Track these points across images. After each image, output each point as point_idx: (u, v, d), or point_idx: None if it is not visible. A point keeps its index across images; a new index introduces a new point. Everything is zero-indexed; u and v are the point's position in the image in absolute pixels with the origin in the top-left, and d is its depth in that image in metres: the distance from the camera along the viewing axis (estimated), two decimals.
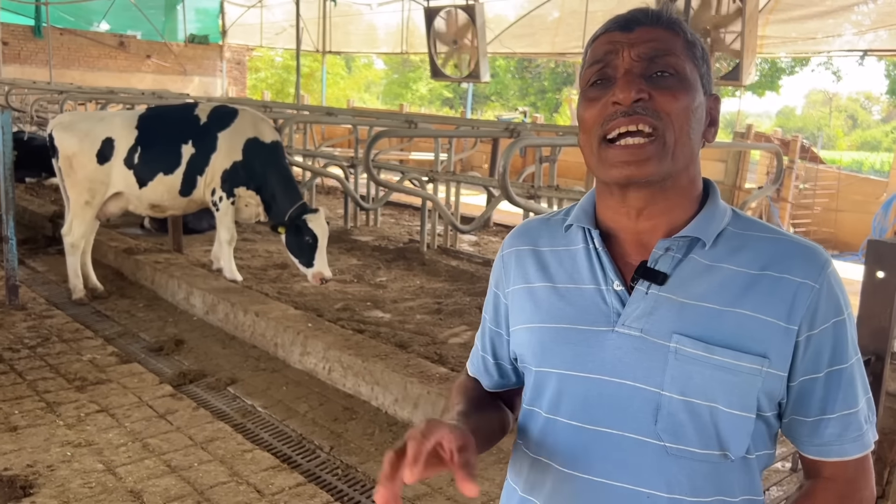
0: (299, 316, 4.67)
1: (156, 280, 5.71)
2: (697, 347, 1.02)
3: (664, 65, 1.04)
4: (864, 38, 9.10)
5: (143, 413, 3.55)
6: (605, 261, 1.11)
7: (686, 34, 1.08)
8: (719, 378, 1.02)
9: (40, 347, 4.31)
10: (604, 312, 1.09)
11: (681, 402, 1.03)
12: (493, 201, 5.77)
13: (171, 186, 5.38)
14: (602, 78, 1.07)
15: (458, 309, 5.26)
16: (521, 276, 1.20)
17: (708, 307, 1.04)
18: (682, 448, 1.04)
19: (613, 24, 1.09)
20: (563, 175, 9.69)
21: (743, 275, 1.05)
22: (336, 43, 16.65)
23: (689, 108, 1.05)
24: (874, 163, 24.57)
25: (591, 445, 1.08)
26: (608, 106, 1.04)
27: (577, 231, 1.17)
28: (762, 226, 1.11)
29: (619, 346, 1.07)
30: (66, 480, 2.89)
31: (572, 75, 28.70)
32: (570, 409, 1.10)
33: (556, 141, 6.16)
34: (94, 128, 5.35)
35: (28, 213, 7.83)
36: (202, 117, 5.47)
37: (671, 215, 1.09)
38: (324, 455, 3.34)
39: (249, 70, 22.63)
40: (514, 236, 1.25)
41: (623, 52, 1.05)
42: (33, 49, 16.77)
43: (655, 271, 1.07)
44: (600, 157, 1.06)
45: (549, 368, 1.12)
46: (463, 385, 1.33)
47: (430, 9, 10.79)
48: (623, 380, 1.06)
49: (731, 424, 1.03)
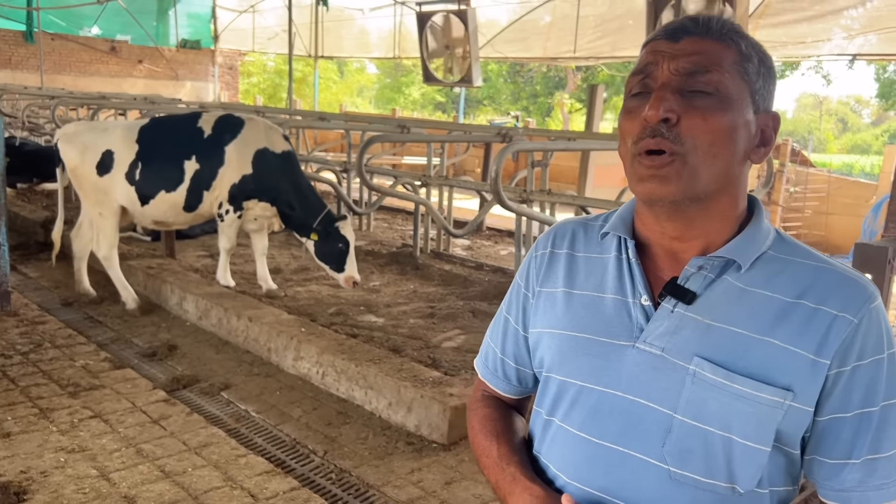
0: (292, 321, 4.67)
1: (148, 285, 5.70)
2: (717, 374, 0.98)
3: (704, 82, 0.99)
4: (853, 42, 9.16)
5: (137, 418, 3.55)
6: (636, 273, 1.08)
7: (741, 46, 1.01)
8: (736, 407, 0.98)
9: (33, 353, 4.30)
10: (627, 326, 1.06)
11: (693, 427, 1.00)
12: (486, 205, 5.79)
13: (173, 203, 5.21)
14: (643, 89, 1.03)
15: (451, 313, 5.27)
16: (552, 278, 1.17)
17: (735, 332, 1.00)
18: (686, 475, 1.01)
19: (662, 32, 1.04)
20: (555, 179, 9.72)
21: (777, 301, 1.00)
22: (328, 48, 16.67)
23: (721, 129, 0.98)
24: (864, 166, 24.70)
25: (595, 458, 1.06)
26: (642, 121, 1.01)
27: (612, 239, 1.14)
28: (807, 252, 1.05)
29: (638, 363, 1.04)
30: (60, 486, 2.89)
31: (564, 80, 28.78)
32: (581, 419, 1.08)
33: (548, 145, 6.18)
34: (95, 139, 5.24)
35: (20, 219, 7.80)
36: (206, 129, 5.24)
37: (707, 238, 1.05)
38: (318, 460, 3.35)
39: (242, 75, 22.61)
40: (551, 238, 1.22)
41: (663, 63, 1.00)
42: (24, 54, 16.72)
43: (684, 289, 1.03)
44: (632, 171, 1.03)
45: (565, 377, 1.11)
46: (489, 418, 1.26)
47: (423, 13, 10.81)
48: (636, 397, 1.03)
49: (742, 456, 0.99)
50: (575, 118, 27.11)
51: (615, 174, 10.64)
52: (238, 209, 5.26)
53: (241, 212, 5.27)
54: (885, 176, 10.32)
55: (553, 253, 1.19)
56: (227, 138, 5.18)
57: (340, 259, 5.24)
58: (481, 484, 3.16)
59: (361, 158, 4.83)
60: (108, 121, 6.27)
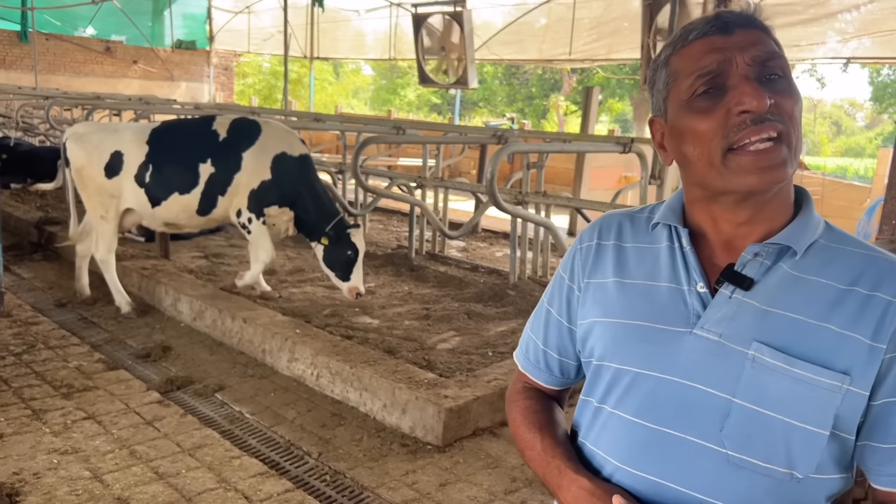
0: (287, 322, 4.67)
1: (143, 286, 5.68)
2: (777, 358, 1.00)
3: (774, 67, 1.02)
4: (847, 45, 9.20)
5: (131, 420, 3.54)
6: (691, 261, 1.10)
7: (774, 38, 1.06)
8: (796, 392, 0.99)
9: (26, 354, 4.28)
10: (683, 313, 1.08)
11: (752, 411, 1.01)
12: (481, 207, 5.79)
13: (187, 206, 5.13)
14: (711, 87, 1.03)
15: (446, 315, 5.27)
16: (600, 269, 1.19)
17: (793, 318, 1.02)
18: (744, 458, 1.01)
19: (710, 27, 1.04)
20: (551, 181, 9.73)
21: (831, 288, 1.02)
22: (324, 49, 16.66)
23: (798, 106, 1.03)
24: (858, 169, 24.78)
25: (651, 444, 1.07)
26: (731, 115, 1.00)
27: (662, 229, 1.16)
28: (855, 241, 1.08)
29: (695, 349, 1.05)
30: (53, 488, 2.88)
31: (559, 82, 28.83)
32: (636, 406, 1.09)
33: (543, 147, 6.18)
34: (104, 140, 5.15)
35: (13, 220, 7.77)
36: (221, 132, 5.12)
37: (771, 221, 1.07)
38: (312, 461, 3.34)
39: (237, 76, 22.58)
40: (596, 230, 1.24)
41: (736, 58, 1.01)
42: (19, 54, 16.68)
43: (742, 275, 1.05)
44: (729, 168, 1.02)
45: (620, 364, 1.12)
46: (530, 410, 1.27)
47: (418, 15, 10.81)
48: (694, 383, 1.04)
49: (802, 440, 1.00)
50: (570, 120, 27.14)
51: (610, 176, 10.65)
52: (260, 216, 5.13)
53: (263, 218, 5.15)
54: (878, 179, 10.36)
55: (600, 245, 1.21)
56: (244, 144, 5.07)
57: (347, 267, 5.12)
58: (476, 486, 3.16)
59: (357, 160, 4.83)
60: (119, 122, 6.16)
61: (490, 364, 4.20)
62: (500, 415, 3.74)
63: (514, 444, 1.31)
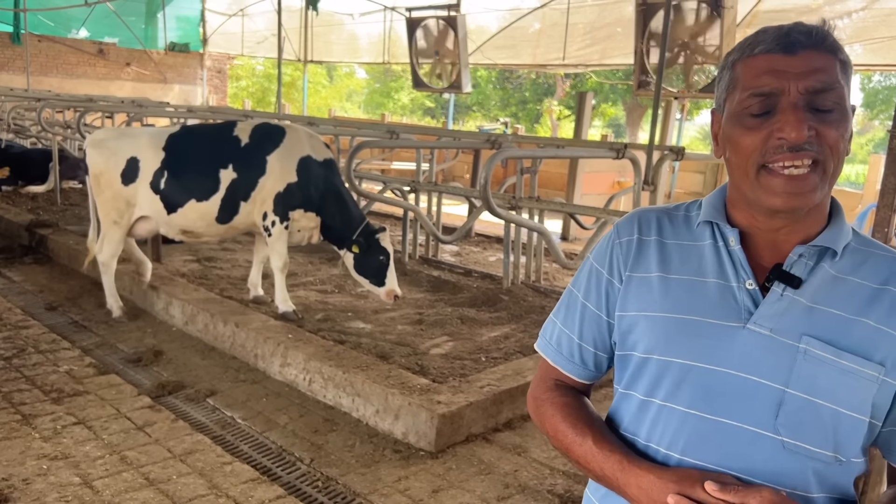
0: (279, 327, 4.65)
1: (134, 290, 5.66)
2: (826, 351, 1.08)
3: (826, 99, 1.06)
4: None
5: (121, 425, 3.51)
6: (740, 259, 1.16)
7: (841, 56, 1.09)
8: (843, 381, 1.07)
9: (16, 359, 4.25)
10: (734, 309, 1.13)
11: (804, 400, 1.08)
12: (475, 212, 5.79)
13: (205, 213, 5.03)
14: (765, 109, 1.08)
15: (439, 319, 5.26)
16: (643, 264, 1.22)
17: (836, 314, 1.10)
18: (798, 444, 1.09)
19: (774, 45, 1.09)
20: (544, 186, 9.74)
21: (866, 287, 1.12)
22: (318, 52, 16.63)
23: (845, 136, 1.08)
24: (850, 174, 24.92)
25: (708, 434, 1.12)
26: (772, 138, 1.07)
27: (705, 227, 1.21)
28: (879, 245, 1.18)
29: (749, 343, 1.11)
30: (42, 494, 2.85)
31: (553, 86, 28.87)
32: (690, 397, 1.13)
33: (537, 153, 6.19)
34: (121, 146, 5.08)
35: (4, 222, 7.73)
36: (243, 138, 5.05)
37: (808, 228, 1.15)
38: (304, 467, 3.32)
39: (230, 78, 22.54)
40: (634, 224, 1.26)
41: (790, 86, 1.06)
42: (11, 56, 16.60)
43: (791, 275, 1.12)
44: (760, 184, 1.09)
45: (671, 357, 1.15)
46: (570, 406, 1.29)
47: (413, 19, 10.82)
48: (749, 375, 1.10)
49: (849, 426, 1.08)
50: (564, 125, 27.19)
51: (603, 181, 10.67)
52: (285, 219, 5.04)
53: (287, 222, 5.06)
54: (870, 185, 10.41)
55: (641, 240, 1.24)
56: (269, 147, 4.99)
57: (381, 272, 5.03)
58: (468, 492, 3.15)
59: (350, 164, 4.82)
60: (138, 127, 6.03)
61: (483, 369, 4.19)
62: (493, 420, 3.73)
63: (549, 440, 1.31)
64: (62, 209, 8.99)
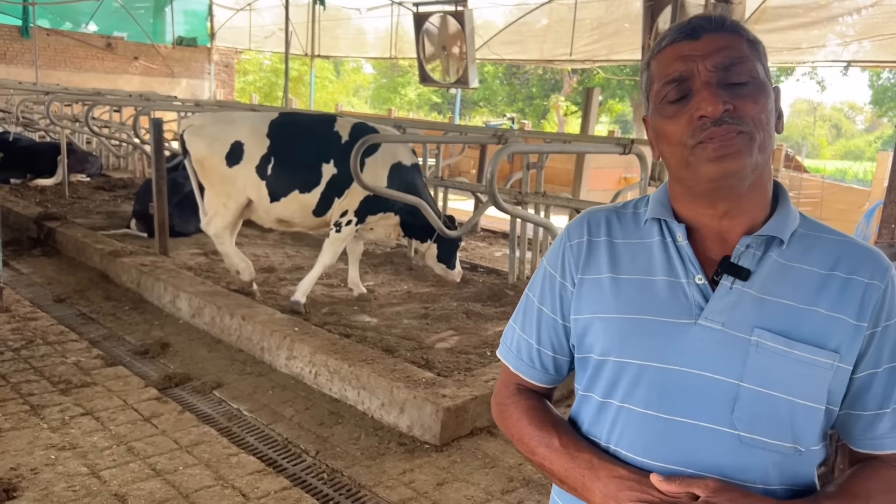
0: (286, 320, 4.67)
1: (142, 283, 5.68)
2: (778, 342, 1.07)
3: (739, 72, 1.07)
4: (848, 48, 9.21)
5: (128, 416, 3.54)
6: (688, 254, 1.15)
7: (748, 36, 1.11)
8: (797, 372, 1.07)
9: (24, 350, 4.28)
10: (685, 305, 1.13)
11: (759, 393, 1.08)
12: (481, 207, 5.79)
13: (305, 205, 5.13)
14: (681, 94, 1.09)
15: (444, 314, 5.27)
16: (594, 265, 1.22)
17: (787, 304, 1.10)
18: (755, 438, 1.08)
19: (678, 34, 1.11)
20: (551, 181, 9.73)
21: (814, 274, 1.11)
22: (325, 47, 16.65)
23: (767, 108, 1.09)
24: (857, 172, 24.81)
25: (666, 434, 1.11)
26: (693, 120, 1.07)
27: (652, 224, 1.20)
28: (827, 228, 1.18)
29: (701, 339, 1.10)
30: (50, 484, 2.88)
31: (560, 82, 28.82)
32: (646, 398, 1.13)
33: (543, 148, 6.19)
34: (223, 130, 5.16)
35: (12, 215, 7.77)
36: (343, 135, 5.15)
37: (752, 214, 1.14)
38: (309, 459, 3.34)
39: (237, 73, 22.58)
40: (583, 226, 1.26)
41: (698, 66, 1.08)
42: (19, 49, 16.66)
43: (739, 267, 1.12)
44: (690, 162, 1.09)
45: (626, 358, 1.14)
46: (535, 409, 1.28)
47: (420, 14, 10.81)
48: (703, 371, 1.10)
49: (805, 416, 1.09)
50: (570, 121, 27.14)
51: (610, 177, 10.67)
52: (361, 222, 5.18)
53: (360, 226, 5.21)
54: (877, 182, 10.38)
55: (591, 241, 1.24)
56: (368, 149, 5.06)
57: (454, 257, 5.57)
58: (473, 485, 3.16)
59: (357, 159, 4.83)
60: (233, 112, 6.07)
61: (488, 364, 4.20)
62: None
63: (514, 444, 1.30)
64: (70, 202, 9.04)
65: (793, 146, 21.81)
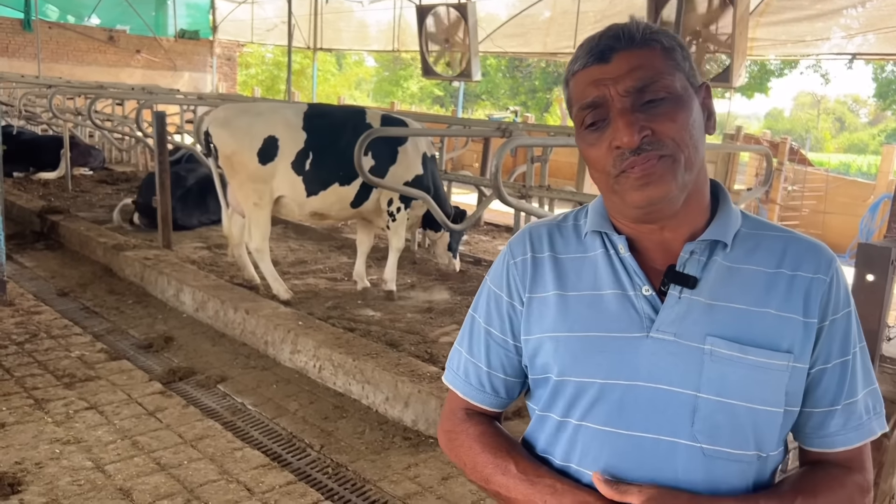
0: (290, 314, 4.66)
1: (145, 277, 5.68)
2: (732, 349, 1.05)
3: (655, 90, 1.03)
4: (852, 41, 9.16)
5: (133, 410, 3.54)
6: (632, 266, 1.12)
7: (662, 43, 1.06)
8: (753, 377, 1.05)
9: (28, 344, 4.28)
10: (635, 319, 1.09)
11: (717, 403, 1.05)
12: (485, 201, 5.76)
13: (343, 197, 5.12)
14: (598, 119, 1.06)
15: (448, 308, 5.27)
16: (540, 283, 1.17)
17: (736, 308, 1.07)
18: (718, 449, 1.06)
19: (588, 57, 1.07)
20: (554, 175, 9.71)
21: (761, 274, 1.09)
22: (327, 40, 16.61)
23: (689, 121, 1.05)
24: (861, 165, 24.74)
25: (627, 450, 1.08)
26: (612, 148, 1.04)
27: (594, 236, 1.16)
28: (769, 225, 1.15)
29: (655, 352, 1.07)
30: (55, 478, 2.88)
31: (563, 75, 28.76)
32: (605, 415, 1.09)
33: (547, 141, 6.16)
34: (254, 124, 4.95)
35: (16, 208, 7.77)
36: (375, 126, 5.15)
37: (692, 221, 1.11)
38: (314, 453, 3.34)
39: (240, 66, 22.55)
40: (526, 242, 1.22)
41: (610, 91, 1.04)
42: (22, 42, 16.66)
43: (685, 275, 1.09)
44: (616, 190, 1.07)
45: (582, 378, 1.11)
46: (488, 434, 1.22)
47: (422, 7, 10.78)
48: (659, 384, 1.07)
49: (765, 422, 1.06)
50: None
51: None
52: (408, 206, 5.34)
53: (409, 210, 5.38)
54: (882, 175, 10.34)
55: (535, 258, 1.19)
56: (401, 139, 5.24)
57: (458, 246, 6.03)
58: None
59: (360, 152, 4.81)
60: (260, 104, 5.95)
61: None
62: None
63: (465, 474, 1.24)
64: (73, 196, 9.03)
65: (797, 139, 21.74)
